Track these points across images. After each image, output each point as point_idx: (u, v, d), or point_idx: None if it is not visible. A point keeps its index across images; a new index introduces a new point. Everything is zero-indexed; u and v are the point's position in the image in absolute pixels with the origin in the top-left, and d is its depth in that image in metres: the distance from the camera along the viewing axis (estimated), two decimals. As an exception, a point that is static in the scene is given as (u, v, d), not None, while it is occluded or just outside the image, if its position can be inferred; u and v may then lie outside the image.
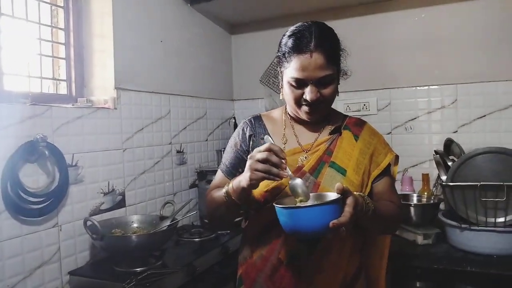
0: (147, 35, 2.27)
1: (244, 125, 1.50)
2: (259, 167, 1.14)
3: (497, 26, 2.44)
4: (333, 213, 1.05)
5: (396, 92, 2.69)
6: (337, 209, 1.07)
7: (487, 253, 1.89)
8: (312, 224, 1.05)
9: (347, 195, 1.10)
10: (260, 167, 1.14)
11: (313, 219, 1.05)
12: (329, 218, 1.04)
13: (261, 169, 1.14)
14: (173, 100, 2.46)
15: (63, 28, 2.00)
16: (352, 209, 1.08)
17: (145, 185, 2.22)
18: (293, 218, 1.08)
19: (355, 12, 2.76)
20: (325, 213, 1.05)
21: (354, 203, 1.09)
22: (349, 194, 1.10)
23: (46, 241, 1.68)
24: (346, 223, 1.05)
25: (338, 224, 1.04)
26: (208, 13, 2.84)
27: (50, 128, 1.70)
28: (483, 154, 1.89)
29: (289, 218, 1.09)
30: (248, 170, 1.16)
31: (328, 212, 1.05)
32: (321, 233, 1.08)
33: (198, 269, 1.80)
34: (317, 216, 1.05)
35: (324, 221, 1.04)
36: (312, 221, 1.05)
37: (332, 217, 1.04)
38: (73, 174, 1.79)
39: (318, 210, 1.05)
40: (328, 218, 1.04)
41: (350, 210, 1.08)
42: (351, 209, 1.08)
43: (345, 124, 1.46)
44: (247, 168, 1.17)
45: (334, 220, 1.04)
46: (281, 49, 1.35)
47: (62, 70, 2.01)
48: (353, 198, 1.10)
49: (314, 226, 1.05)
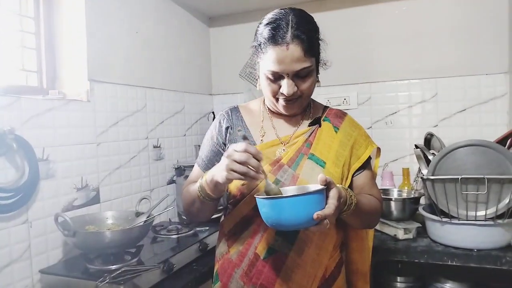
0: (122, 26, 2.20)
1: (221, 117, 1.45)
2: (236, 168, 1.09)
3: (477, 20, 2.45)
4: (317, 204, 1.02)
5: (377, 86, 2.68)
6: (321, 199, 1.04)
7: (467, 247, 1.88)
8: (295, 215, 1.01)
9: (330, 187, 1.07)
10: (238, 169, 1.09)
11: (297, 209, 1.01)
12: (313, 209, 1.00)
13: (238, 171, 1.09)
14: (149, 93, 2.40)
15: (33, 17, 1.92)
16: (336, 201, 1.05)
17: (121, 180, 2.16)
18: (275, 209, 1.03)
19: (335, 5, 2.75)
20: (309, 203, 1.01)
21: (338, 195, 1.06)
22: (333, 186, 1.07)
23: (15, 238, 1.61)
24: (330, 215, 1.02)
25: (322, 216, 1.00)
26: (186, 4, 2.78)
27: (19, 120, 1.63)
28: (464, 147, 1.88)
29: (272, 209, 1.04)
30: (225, 170, 1.11)
31: (313, 203, 1.01)
32: (305, 225, 1.04)
33: (176, 266, 1.75)
34: (301, 206, 1.01)
35: (308, 212, 1.00)
36: (295, 212, 1.01)
37: (316, 208, 1.01)
38: (44, 168, 1.72)
39: (302, 200, 1.01)
40: (312, 209, 1.00)
41: (334, 202, 1.05)
42: (335, 201, 1.05)
43: (325, 116, 1.42)
44: (223, 167, 1.12)
45: (319, 211, 1.00)
46: (257, 39, 1.29)
47: (33, 61, 1.92)
48: (336, 190, 1.07)
49: (298, 218, 1.01)
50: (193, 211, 1.37)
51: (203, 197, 1.25)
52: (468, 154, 1.88)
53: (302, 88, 1.27)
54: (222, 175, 1.13)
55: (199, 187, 1.25)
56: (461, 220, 1.88)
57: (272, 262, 1.27)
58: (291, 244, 1.27)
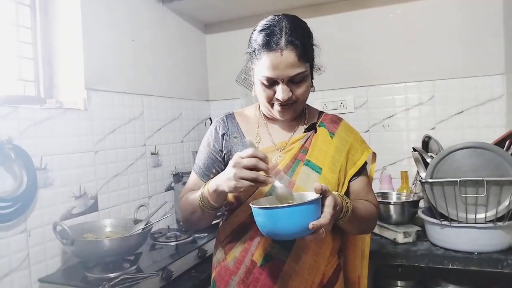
0: (118, 34, 2.21)
1: (216, 124, 1.46)
2: (246, 175, 1.09)
3: (474, 21, 2.45)
4: (312, 214, 1.02)
5: (373, 90, 2.68)
6: (317, 209, 1.04)
7: (467, 250, 1.87)
8: (291, 225, 1.01)
9: (326, 195, 1.07)
10: (248, 175, 1.09)
11: (292, 219, 1.01)
12: (309, 219, 1.00)
13: (248, 177, 1.09)
14: (146, 100, 2.40)
15: (30, 27, 1.92)
16: (332, 210, 1.05)
17: (119, 188, 2.16)
18: (271, 219, 1.03)
19: (331, 10, 2.75)
20: (304, 213, 1.01)
21: (333, 203, 1.06)
22: (328, 194, 1.07)
23: (14, 247, 1.61)
24: (325, 224, 1.02)
25: (318, 226, 1.00)
26: (181, 12, 2.79)
27: (17, 130, 1.63)
28: (462, 150, 1.88)
29: (267, 219, 1.04)
30: (233, 179, 1.10)
31: (308, 213, 1.01)
32: (300, 234, 1.04)
33: (174, 273, 1.75)
34: (296, 216, 1.01)
35: (303, 222, 1.00)
36: (291, 222, 1.01)
37: (311, 218, 1.01)
38: (42, 177, 1.72)
39: (297, 210, 1.01)
40: (307, 219, 1.00)
41: (330, 211, 1.05)
42: (331, 210, 1.05)
43: (320, 121, 1.43)
44: (230, 176, 1.11)
45: (314, 221, 1.00)
46: (251, 45, 1.29)
47: (30, 71, 1.93)
48: (332, 198, 1.07)
49: (293, 227, 1.02)
50: (193, 220, 1.36)
51: (205, 207, 1.24)
52: (466, 156, 1.87)
53: (297, 94, 1.27)
54: (229, 185, 1.13)
55: (201, 196, 1.24)
56: (461, 223, 1.87)
57: (269, 269, 1.27)
58: (288, 251, 1.27)
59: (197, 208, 1.27)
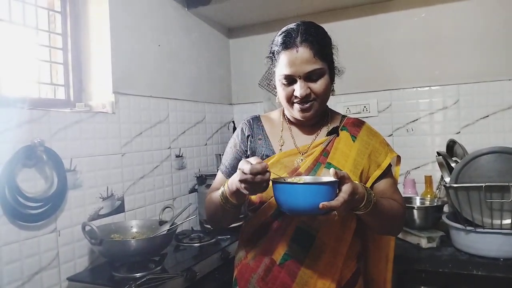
0: (144, 40, 2.26)
1: (243, 125, 1.50)
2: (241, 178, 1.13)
3: (499, 24, 2.42)
4: (325, 195, 1.08)
5: (397, 93, 2.66)
6: (329, 191, 1.09)
7: (493, 256, 1.85)
8: (303, 201, 1.09)
9: (344, 182, 1.10)
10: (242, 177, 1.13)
11: (304, 197, 1.09)
12: (321, 199, 1.06)
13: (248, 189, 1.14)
14: (171, 104, 2.45)
15: (61, 33, 1.99)
16: (347, 196, 1.08)
17: (144, 190, 2.20)
18: (285, 193, 1.12)
19: (354, 14, 2.75)
20: (317, 193, 1.08)
21: (350, 190, 1.09)
22: (347, 181, 1.10)
23: (45, 246, 1.66)
24: (337, 207, 1.06)
25: (328, 206, 1.05)
26: (206, 17, 2.84)
27: (48, 132, 1.69)
28: (487, 155, 1.86)
29: (282, 193, 1.13)
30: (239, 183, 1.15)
31: (320, 193, 1.08)
32: (311, 212, 1.10)
33: (198, 274, 1.78)
34: (308, 194, 1.09)
35: (315, 200, 1.07)
36: (303, 199, 1.09)
37: (324, 199, 1.07)
38: (71, 178, 1.78)
39: (310, 189, 1.10)
40: (319, 199, 1.07)
41: (345, 196, 1.08)
42: (346, 196, 1.08)
43: (343, 125, 1.44)
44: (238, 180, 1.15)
45: (325, 202, 1.05)
46: (271, 49, 1.36)
47: (60, 75, 1.99)
48: (350, 185, 1.10)
49: (304, 204, 1.09)
50: (216, 218, 1.41)
51: (225, 204, 1.28)
52: (492, 161, 1.86)
53: (315, 90, 1.30)
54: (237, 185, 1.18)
55: (221, 194, 1.28)
56: (486, 229, 1.85)
57: (288, 267, 1.29)
58: (306, 250, 1.29)
59: (219, 206, 1.30)
